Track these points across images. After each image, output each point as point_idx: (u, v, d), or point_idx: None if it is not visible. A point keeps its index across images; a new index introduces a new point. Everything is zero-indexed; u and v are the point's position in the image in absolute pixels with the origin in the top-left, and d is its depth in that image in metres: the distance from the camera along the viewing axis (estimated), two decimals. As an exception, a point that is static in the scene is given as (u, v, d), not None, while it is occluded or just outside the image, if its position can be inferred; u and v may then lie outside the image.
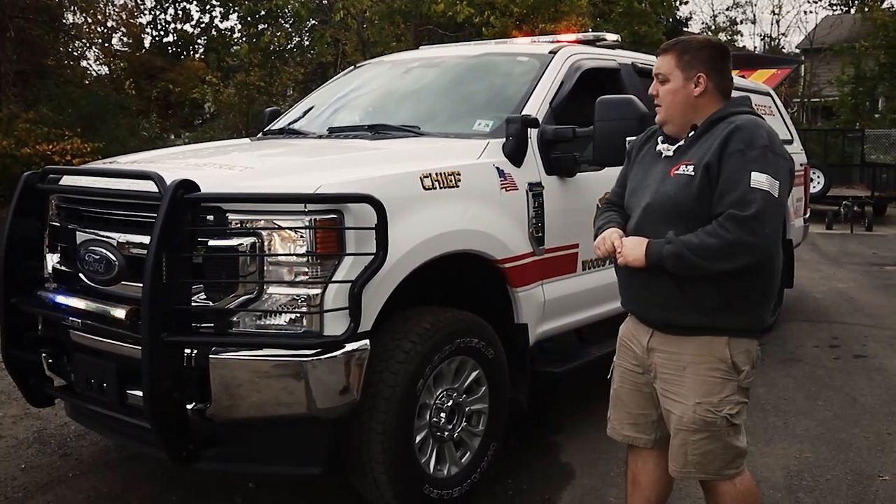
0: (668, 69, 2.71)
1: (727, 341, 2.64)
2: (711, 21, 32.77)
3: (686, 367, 2.67)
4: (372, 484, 3.40)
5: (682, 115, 2.70)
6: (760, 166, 2.49)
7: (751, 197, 2.46)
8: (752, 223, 2.45)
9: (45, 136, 16.30)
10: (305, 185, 3.18)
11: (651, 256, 2.58)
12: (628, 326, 2.92)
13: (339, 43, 24.57)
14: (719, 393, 2.64)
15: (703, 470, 2.72)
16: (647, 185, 2.74)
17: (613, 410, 2.98)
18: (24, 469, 4.11)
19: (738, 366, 2.65)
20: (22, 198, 3.71)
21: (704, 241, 2.49)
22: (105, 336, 3.39)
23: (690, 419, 2.65)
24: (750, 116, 2.66)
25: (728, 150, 2.53)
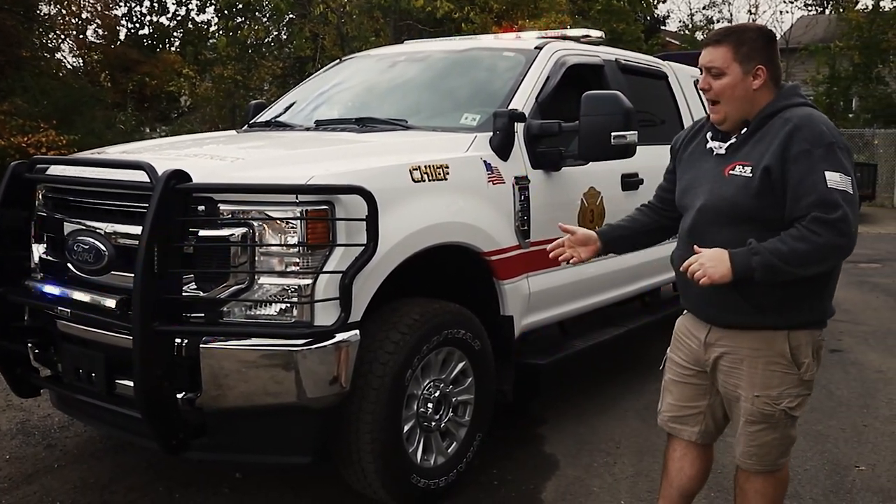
0: (724, 62, 2.57)
1: (787, 335, 2.60)
2: (689, 20, 33.00)
3: (743, 360, 2.65)
4: (360, 473, 3.43)
5: (740, 110, 2.60)
6: (831, 165, 2.44)
7: (833, 198, 2.41)
8: (841, 225, 2.41)
9: (20, 127, 16.15)
10: (297, 176, 3.20)
11: (738, 271, 2.45)
12: (684, 322, 2.89)
13: (318, 37, 24.46)
14: (778, 386, 2.62)
15: (761, 463, 2.72)
16: (700, 184, 2.68)
17: (663, 401, 2.98)
18: (9, 460, 4.10)
19: (799, 358, 2.62)
20: (9, 187, 3.70)
21: (795, 247, 2.41)
22: (94, 326, 3.39)
23: (748, 411, 2.65)
24: (805, 110, 2.56)
25: (793, 152, 2.46)
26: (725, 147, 2.65)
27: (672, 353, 2.94)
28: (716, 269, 2.46)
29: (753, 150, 2.56)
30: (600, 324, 5.02)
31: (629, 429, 4.62)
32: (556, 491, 3.88)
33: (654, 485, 3.85)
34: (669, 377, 2.94)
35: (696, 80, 6.24)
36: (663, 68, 5.92)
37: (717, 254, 2.48)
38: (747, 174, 2.53)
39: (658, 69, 5.87)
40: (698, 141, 2.80)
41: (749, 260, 2.44)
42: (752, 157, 2.55)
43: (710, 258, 2.48)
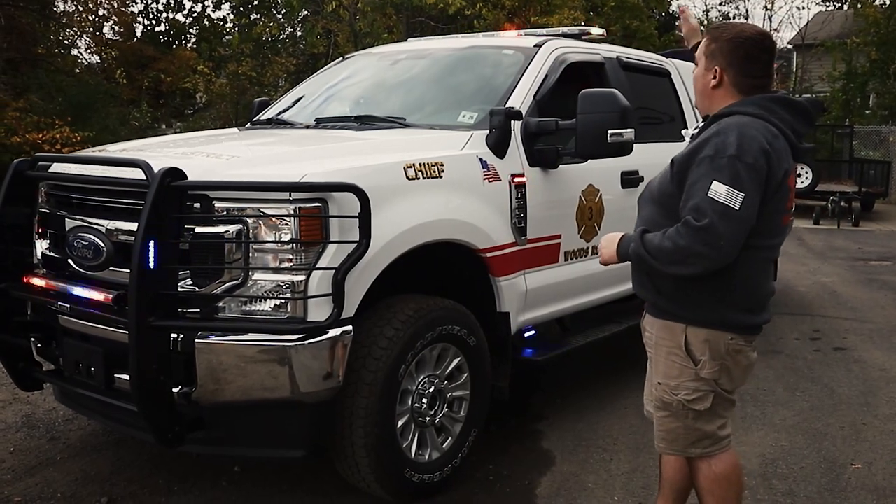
0: (699, 53, 2.75)
1: (684, 328, 2.68)
2: (704, 16, 32.82)
3: (655, 346, 2.80)
4: (354, 467, 3.47)
5: (701, 102, 2.78)
6: (724, 176, 2.45)
7: (705, 206, 2.45)
8: (704, 234, 2.44)
9: (35, 124, 16.27)
10: (291, 173, 3.24)
11: (620, 253, 2.73)
12: None
13: (331, 34, 24.55)
14: (677, 377, 2.72)
15: (669, 447, 2.84)
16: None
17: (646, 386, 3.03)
18: (13, 452, 4.17)
19: (694, 354, 2.67)
20: (11, 185, 3.77)
21: (661, 243, 2.54)
22: (93, 321, 3.45)
23: (652, 395, 2.83)
24: (739, 119, 2.56)
25: (700, 155, 2.53)
26: (688, 138, 2.84)
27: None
28: (606, 248, 2.79)
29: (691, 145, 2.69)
30: (600, 321, 5.03)
31: (627, 426, 4.63)
32: (550, 486, 3.90)
33: (649, 481, 3.88)
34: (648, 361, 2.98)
35: (700, 77, 6.26)
36: (666, 65, 5.92)
37: (612, 237, 2.78)
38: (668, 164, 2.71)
39: (661, 66, 5.87)
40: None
41: (628, 246, 2.67)
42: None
43: (604, 240, 2.80)
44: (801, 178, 16.38)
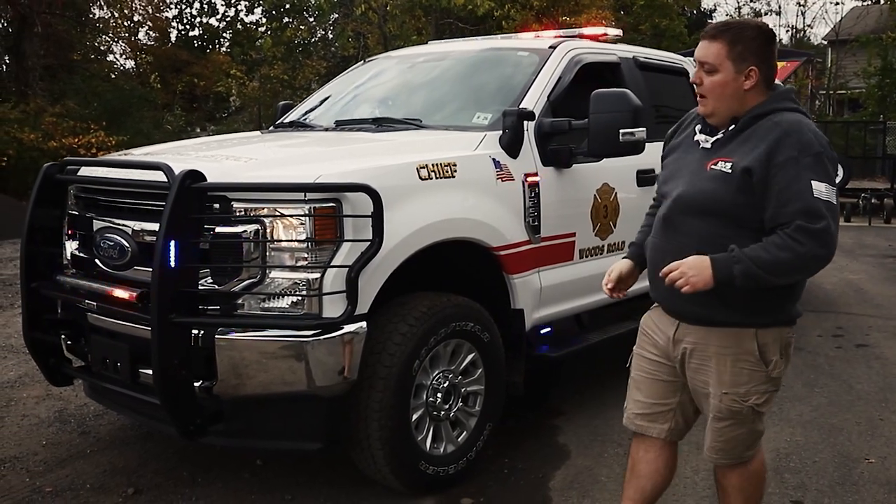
0: (718, 59, 2.56)
1: (755, 333, 2.62)
2: (736, 13, 32.53)
3: (711, 357, 2.66)
4: (370, 459, 3.57)
5: (729, 108, 2.60)
6: (818, 174, 2.45)
7: (818, 208, 2.42)
8: (825, 235, 2.43)
9: (72, 129, 16.61)
10: (306, 174, 3.36)
11: (720, 279, 2.47)
12: (652, 317, 2.89)
13: (362, 37, 24.74)
14: (746, 383, 2.63)
15: (728, 456, 2.77)
16: (681, 174, 2.69)
17: (629, 399, 2.96)
18: (45, 445, 4.33)
19: (767, 356, 2.64)
20: (42, 188, 3.92)
21: (777, 256, 2.43)
22: (119, 318, 3.59)
23: (716, 407, 2.67)
24: (794, 116, 2.57)
25: (780, 158, 2.46)
26: (712, 141, 2.65)
27: (640, 350, 2.92)
28: (698, 277, 2.48)
29: (738, 148, 2.57)
30: (618, 318, 5.09)
31: (643, 421, 4.68)
32: (564, 479, 3.98)
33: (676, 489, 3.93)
34: (638, 374, 2.92)
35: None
36: (684, 64, 5.96)
37: (698, 262, 2.49)
38: (727, 170, 2.55)
39: (678, 65, 5.91)
40: (688, 132, 2.79)
41: (731, 268, 2.45)
42: (735, 154, 2.56)
43: (691, 266, 2.49)
44: (832, 175, 16.22)
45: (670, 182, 2.75)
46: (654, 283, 2.77)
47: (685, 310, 2.68)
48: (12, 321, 6.83)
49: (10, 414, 4.77)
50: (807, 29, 32.55)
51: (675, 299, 2.64)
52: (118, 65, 28.26)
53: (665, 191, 2.78)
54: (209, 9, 28.74)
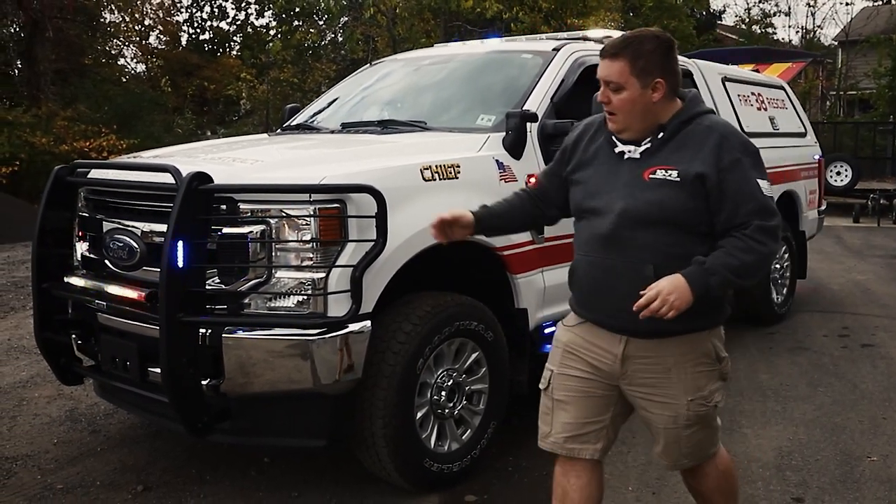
0: (622, 77, 2.51)
1: (708, 334, 2.64)
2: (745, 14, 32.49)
3: (671, 367, 2.60)
4: (374, 457, 3.62)
5: (643, 121, 2.56)
6: (760, 173, 2.52)
7: (771, 206, 2.49)
8: (779, 231, 2.50)
9: (83, 133, 16.76)
10: (311, 176, 3.41)
11: (699, 294, 2.42)
12: (581, 335, 2.72)
13: (371, 40, 24.85)
14: (707, 385, 2.63)
15: (694, 458, 2.76)
16: (613, 188, 2.59)
17: (554, 422, 2.77)
18: (56, 444, 4.40)
19: (720, 354, 2.67)
20: (53, 190, 3.99)
21: (744, 259, 2.44)
22: (128, 318, 3.65)
23: (683, 416, 2.62)
24: (718, 118, 2.64)
25: (726, 161, 2.48)
26: (640, 152, 2.58)
27: (563, 370, 2.75)
28: (680, 298, 2.40)
29: (676, 156, 2.53)
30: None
31: (647, 419, 4.72)
32: (567, 477, 4.01)
33: (663, 472, 3.97)
34: (565, 395, 2.74)
35: (723, 77, 6.35)
36: (688, 66, 5.99)
37: (674, 282, 2.41)
38: (673, 178, 2.50)
39: (682, 67, 5.89)
40: (600, 143, 2.69)
41: (707, 281, 2.42)
42: (675, 161, 2.52)
43: (670, 290, 2.40)
44: (841, 176, 16.24)
45: (598, 198, 2.63)
46: (592, 303, 2.67)
47: (638, 325, 2.54)
48: (24, 322, 6.91)
49: (22, 413, 4.85)
50: (817, 30, 32.45)
51: (626, 316, 2.50)
52: (129, 69, 28.47)
53: (593, 206, 2.64)
54: (219, 13, 28.92)
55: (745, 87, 6.76)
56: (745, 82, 6.83)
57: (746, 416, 4.79)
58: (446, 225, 2.86)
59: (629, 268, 2.53)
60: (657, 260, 2.49)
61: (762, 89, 7.07)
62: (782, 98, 7.48)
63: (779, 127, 7.05)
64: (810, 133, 7.81)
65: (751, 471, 4.05)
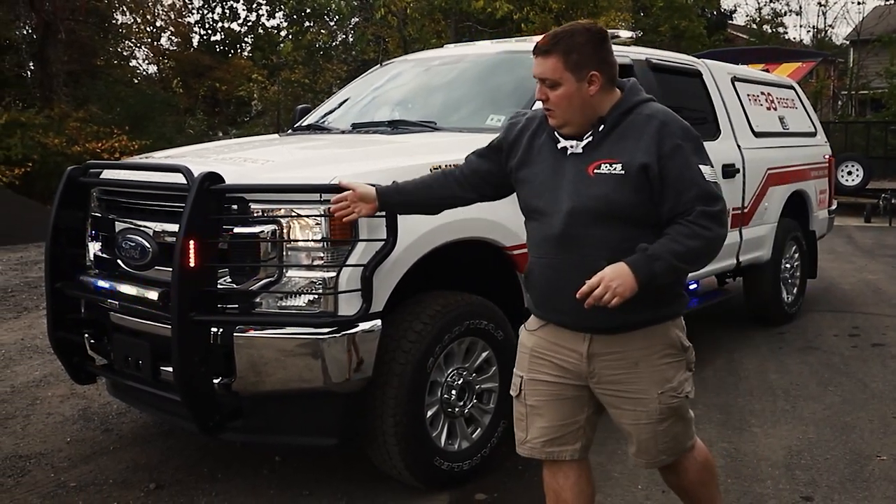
0: (556, 73, 2.48)
1: (671, 324, 2.62)
2: (756, 13, 32.39)
3: (638, 361, 2.58)
4: (385, 455, 3.64)
5: (583, 115, 2.52)
6: (702, 158, 2.49)
7: (713, 191, 2.46)
8: (723, 216, 2.48)
9: (95, 134, 16.88)
10: (322, 176, 3.43)
11: (643, 281, 2.39)
12: (545, 338, 2.70)
13: (382, 40, 24.88)
14: (676, 376, 2.61)
15: (672, 453, 2.72)
16: (558, 186, 2.56)
17: (530, 428, 2.74)
18: (70, 442, 4.44)
19: (684, 344, 2.65)
20: (66, 191, 4.03)
21: (689, 245, 2.42)
22: (140, 317, 3.69)
23: (657, 410, 2.59)
24: (660, 105, 2.57)
25: (666, 148, 2.44)
26: (583, 146, 2.54)
27: (533, 374, 2.72)
28: (623, 286, 2.37)
29: (618, 147, 2.49)
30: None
31: (657, 419, 4.73)
32: (577, 476, 4.02)
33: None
34: (538, 400, 2.71)
35: (733, 76, 6.34)
36: (697, 66, 6.00)
37: (617, 270, 2.39)
38: (618, 171, 2.47)
39: (692, 67, 5.95)
40: (543, 140, 2.65)
41: (651, 266, 2.39)
42: (618, 154, 2.48)
43: (612, 277, 2.38)
44: (853, 176, 16.18)
45: (544, 197, 2.59)
46: (551, 303, 2.65)
47: (598, 321, 2.54)
48: (37, 322, 6.96)
49: (35, 412, 4.89)
50: (828, 29, 32.26)
51: (586, 313, 2.47)
52: (141, 70, 28.60)
53: (539, 206, 2.61)
54: (231, 14, 29.01)
55: (755, 86, 6.75)
56: (754, 82, 6.82)
57: (756, 416, 4.80)
58: (358, 198, 3.02)
59: (583, 265, 2.47)
60: (610, 255, 2.44)
61: (772, 89, 7.06)
62: (792, 98, 7.47)
63: (788, 126, 7.04)
64: (820, 133, 7.79)
65: (760, 470, 4.06)
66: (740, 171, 5.88)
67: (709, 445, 4.24)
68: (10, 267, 10.06)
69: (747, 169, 5.98)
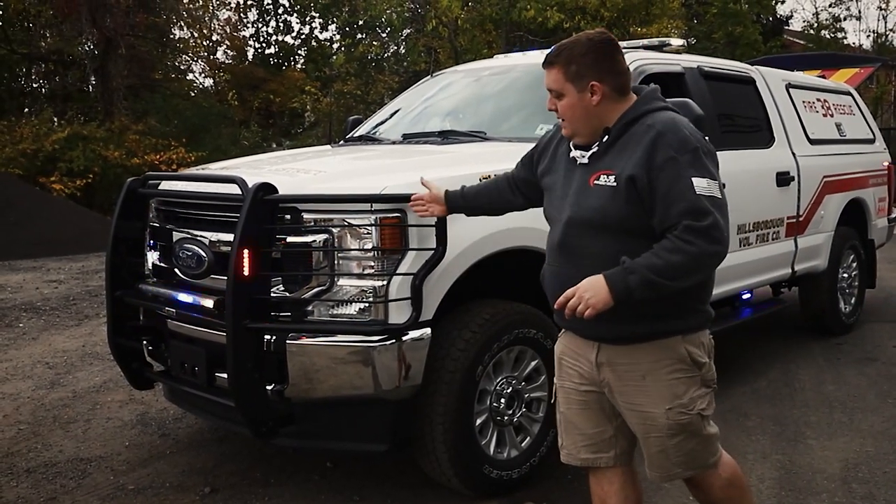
0: (558, 84, 2.53)
1: (681, 339, 2.54)
2: (814, 18, 31.89)
3: (646, 374, 2.54)
4: (434, 462, 3.67)
5: (588, 125, 2.53)
6: (698, 171, 2.39)
7: (703, 205, 2.36)
8: (713, 231, 2.36)
9: (153, 146, 17.27)
10: (373, 186, 3.49)
11: (618, 294, 2.36)
12: (566, 343, 2.74)
13: (433, 51, 25.05)
14: (687, 392, 2.54)
15: (689, 468, 2.66)
16: (565, 195, 2.59)
17: (566, 435, 2.78)
18: (128, 446, 4.55)
19: (698, 360, 2.57)
20: (125, 202, 4.15)
21: (669, 259, 2.35)
22: (196, 324, 3.78)
23: (665, 426, 2.54)
24: (667, 114, 2.52)
25: (658, 160, 2.40)
26: (588, 156, 2.56)
27: (562, 382, 2.76)
28: (596, 298, 2.37)
29: (617, 159, 2.48)
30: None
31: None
32: (627, 486, 4.00)
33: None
34: (569, 409, 2.74)
35: (787, 83, 6.27)
36: (751, 73, 5.94)
37: (592, 282, 2.39)
38: (611, 183, 2.46)
39: (745, 74, 5.90)
40: (563, 150, 2.69)
41: (626, 280, 2.36)
42: (615, 166, 2.48)
43: (586, 289, 2.38)
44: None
45: (555, 204, 2.65)
46: (560, 311, 2.57)
47: (603, 331, 2.55)
48: (97, 330, 7.14)
49: (95, 417, 5.02)
50: (889, 33, 31.61)
51: (595, 325, 2.49)
52: (197, 83, 29.17)
53: (551, 214, 2.68)
54: (285, 27, 29.46)
55: (811, 93, 6.66)
56: (810, 88, 6.73)
57: (812, 428, 4.72)
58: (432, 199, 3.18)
59: (581, 275, 2.45)
60: (607, 267, 2.41)
61: (828, 95, 6.95)
62: (849, 104, 7.34)
63: (846, 133, 6.93)
64: (879, 139, 7.64)
65: (815, 482, 3.99)
66: (795, 179, 5.81)
67: (762, 457, 4.23)
68: (72, 276, 10.34)
69: (802, 177, 5.90)
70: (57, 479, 4.12)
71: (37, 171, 15.91)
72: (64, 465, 4.29)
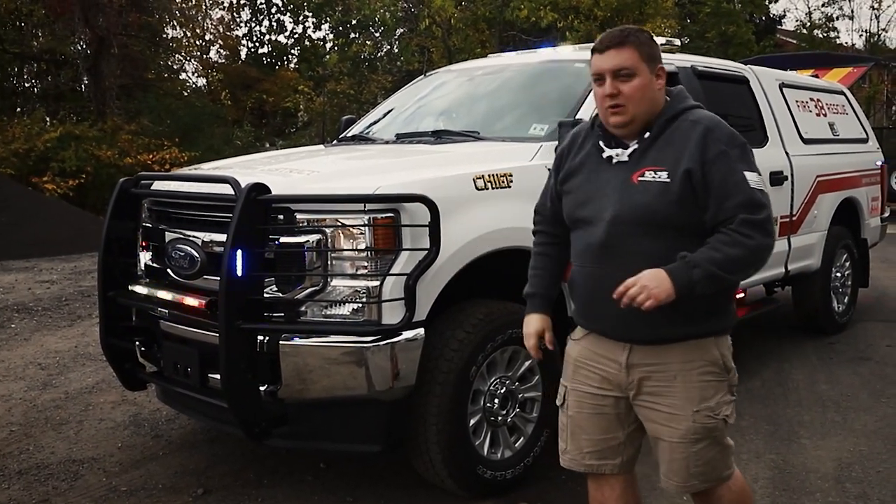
0: (633, 62, 2.46)
1: (714, 341, 2.55)
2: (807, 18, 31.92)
3: (676, 375, 2.51)
4: (427, 463, 3.66)
5: (647, 111, 2.50)
6: (748, 165, 2.44)
7: (758, 198, 2.39)
8: (768, 224, 2.40)
9: (146, 146, 17.24)
10: (366, 186, 3.48)
11: (681, 288, 2.33)
12: (588, 347, 2.67)
13: (426, 51, 25.03)
14: (715, 396, 2.52)
15: (706, 479, 2.60)
16: (603, 195, 2.53)
17: (571, 440, 2.73)
18: (121, 448, 4.53)
19: (728, 364, 2.57)
20: (118, 202, 4.13)
21: (729, 253, 2.35)
22: (189, 325, 3.76)
23: (691, 429, 2.50)
24: (706, 111, 2.56)
25: (711, 154, 2.41)
26: (628, 153, 2.52)
27: (577, 385, 2.69)
28: (659, 289, 2.32)
29: (663, 154, 2.47)
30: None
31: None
32: (621, 486, 3.99)
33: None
34: (579, 412, 2.69)
35: (781, 83, 6.27)
36: (744, 73, 5.95)
37: (655, 274, 2.35)
38: (663, 179, 2.44)
39: (738, 74, 5.90)
40: (588, 150, 2.63)
41: (689, 274, 2.33)
42: (663, 161, 2.46)
43: (650, 279, 2.34)
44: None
45: (589, 205, 2.57)
46: (593, 312, 2.62)
47: (639, 332, 2.51)
48: (90, 331, 7.11)
49: (88, 418, 5.00)
50: (882, 33, 31.67)
51: (627, 323, 2.48)
52: (190, 83, 29.10)
53: (584, 216, 2.58)
54: (278, 26, 29.41)
55: (804, 92, 6.67)
56: (803, 88, 6.74)
57: (805, 427, 4.72)
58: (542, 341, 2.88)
59: (625, 274, 2.40)
60: (652, 265, 2.38)
61: (821, 95, 6.96)
62: (842, 103, 7.35)
63: (839, 133, 6.94)
64: (872, 139, 7.66)
65: (809, 482, 4.00)
66: (788, 179, 5.81)
67: (756, 457, 4.24)
68: (64, 276, 10.29)
69: (796, 176, 5.90)
70: (49, 481, 4.10)
71: (29, 171, 15.86)
72: (56, 466, 4.27)
